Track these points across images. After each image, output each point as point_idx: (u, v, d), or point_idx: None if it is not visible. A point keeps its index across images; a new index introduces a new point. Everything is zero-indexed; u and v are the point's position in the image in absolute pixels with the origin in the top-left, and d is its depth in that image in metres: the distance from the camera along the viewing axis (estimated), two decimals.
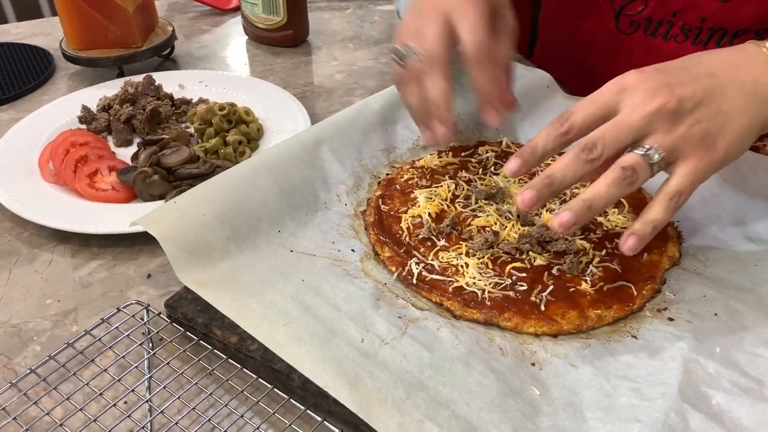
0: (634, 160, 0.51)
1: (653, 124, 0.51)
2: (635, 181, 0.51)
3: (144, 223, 0.58)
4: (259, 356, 0.53)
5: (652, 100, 0.50)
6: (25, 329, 0.59)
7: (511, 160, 0.55)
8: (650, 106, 0.50)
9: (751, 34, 0.76)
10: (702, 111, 0.51)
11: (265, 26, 1.10)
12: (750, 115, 0.52)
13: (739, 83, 0.52)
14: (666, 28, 0.80)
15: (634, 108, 0.51)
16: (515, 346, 0.54)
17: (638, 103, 0.51)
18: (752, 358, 0.51)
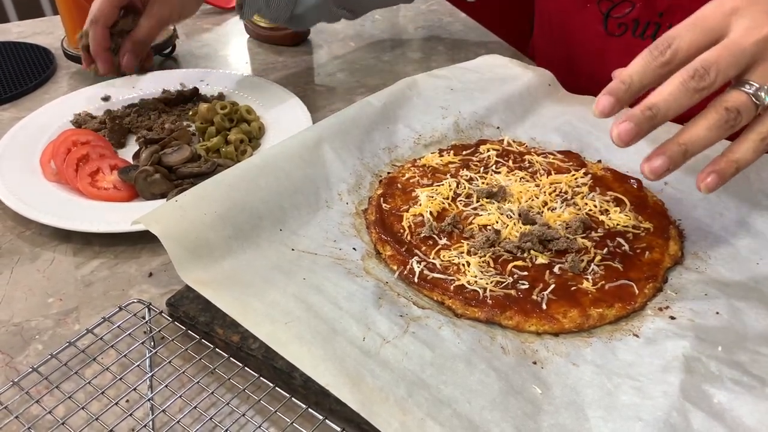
0: (741, 101, 0.47)
1: (764, 51, 0.47)
2: (738, 124, 0.48)
3: (146, 221, 0.58)
4: (261, 355, 0.53)
5: (764, 24, 0.47)
6: (27, 328, 0.60)
7: (601, 97, 0.49)
8: (765, 30, 0.47)
9: None
10: None
11: (266, 25, 1.10)
12: None
13: None
14: (653, 29, 0.80)
15: (747, 31, 0.47)
16: (517, 345, 0.53)
17: (751, 27, 0.47)
18: (754, 356, 0.51)
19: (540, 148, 0.77)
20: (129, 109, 0.89)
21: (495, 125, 0.80)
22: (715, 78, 0.47)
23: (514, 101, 0.82)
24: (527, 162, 0.73)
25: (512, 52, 1.08)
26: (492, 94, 0.82)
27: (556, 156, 0.74)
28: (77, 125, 0.86)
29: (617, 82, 0.49)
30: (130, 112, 0.89)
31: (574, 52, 0.91)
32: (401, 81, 0.82)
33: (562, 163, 0.72)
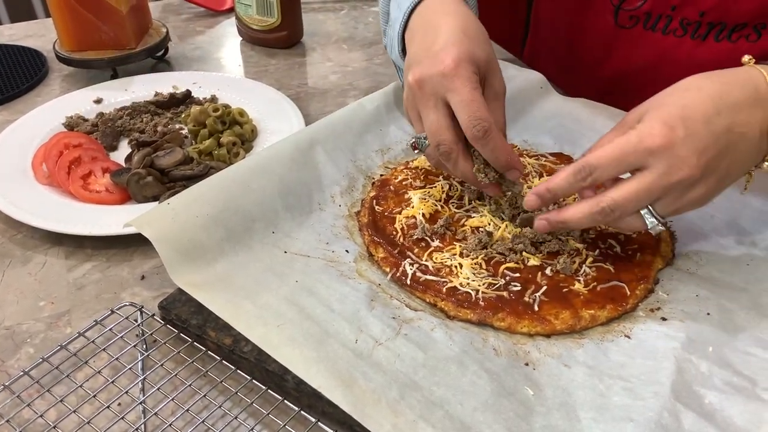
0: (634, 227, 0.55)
1: (671, 191, 0.52)
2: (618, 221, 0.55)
3: (138, 224, 0.58)
4: (253, 357, 0.52)
5: (678, 170, 0.51)
6: (19, 331, 0.59)
7: (530, 195, 0.57)
8: (675, 177, 0.51)
9: (749, 28, 0.77)
10: (713, 178, 0.52)
11: (259, 27, 1.10)
12: (744, 168, 0.55)
13: (748, 139, 0.53)
14: (665, 22, 0.81)
15: (660, 177, 0.51)
16: (509, 347, 0.54)
17: (665, 172, 0.51)
18: (745, 357, 0.51)
19: (532, 150, 0.77)
20: (121, 111, 0.89)
21: None
22: (619, 216, 0.54)
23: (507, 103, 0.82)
24: None
25: (505, 55, 1.09)
26: None
27: (548, 158, 0.74)
28: (69, 128, 0.86)
29: (544, 188, 0.56)
30: (122, 114, 0.88)
31: (579, 46, 0.91)
32: (394, 83, 0.82)
33: (554, 165, 0.73)
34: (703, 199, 0.53)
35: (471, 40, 0.61)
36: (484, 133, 0.57)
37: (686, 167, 0.51)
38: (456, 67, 0.57)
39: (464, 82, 0.57)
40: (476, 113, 0.57)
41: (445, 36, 0.60)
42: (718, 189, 0.54)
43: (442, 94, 0.58)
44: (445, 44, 0.59)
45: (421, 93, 0.59)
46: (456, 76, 0.57)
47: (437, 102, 0.59)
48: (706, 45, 0.79)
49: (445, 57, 0.58)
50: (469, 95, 0.57)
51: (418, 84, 0.59)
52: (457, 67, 0.57)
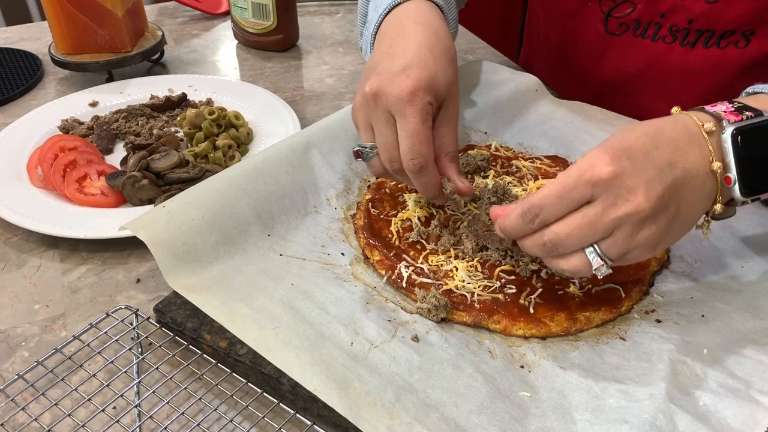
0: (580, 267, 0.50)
1: (620, 226, 0.48)
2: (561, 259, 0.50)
3: (133, 227, 0.58)
4: (249, 360, 0.52)
5: (625, 202, 0.47)
6: (13, 335, 0.59)
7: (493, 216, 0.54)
8: (622, 209, 0.47)
9: (738, 34, 0.77)
10: (663, 216, 0.49)
11: (255, 30, 1.10)
12: (697, 212, 0.51)
13: (692, 175, 0.49)
14: (654, 29, 0.81)
15: (605, 209, 0.47)
16: (504, 349, 0.54)
17: (610, 204, 0.47)
18: (739, 359, 0.52)
19: (527, 153, 0.77)
20: (117, 114, 0.89)
21: (483, 130, 0.81)
22: (563, 251, 0.50)
23: (501, 106, 0.82)
24: (514, 167, 0.73)
25: (500, 58, 1.09)
26: (480, 99, 0.83)
27: (543, 161, 0.74)
28: (65, 131, 0.86)
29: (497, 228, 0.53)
30: (117, 117, 0.88)
31: (571, 52, 0.92)
32: None
33: (549, 168, 0.73)
34: (653, 241, 0.49)
35: (436, 61, 0.60)
36: (420, 169, 0.58)
37: (633, 198, 0.47)
38: (412, 95, 0.57)
39: (415, 112, 0.57)
40: (416, 147, 0.57)
41: (412, 52, 0.60)
42: (669, 233, 0.50)
43: (394, 114, 0.58)
44: (409, 63, 0.59)
45: (374, 105, 0.59)
46: (409, 103, 0.57)
47: (389, 119, 0.59)
48: (696, 51, 0.80)
49: (405, 80, 0.57)
50: (415, 127, 0.57)
51: (373, 96, 0.59)
52: (414, 94, 0.57)
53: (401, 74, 0.58)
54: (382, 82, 0.58)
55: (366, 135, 0.62)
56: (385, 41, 0.65)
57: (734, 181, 0.50)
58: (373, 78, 0.59)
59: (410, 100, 0.57)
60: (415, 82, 0.57)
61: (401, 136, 0.58)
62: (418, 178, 0.59)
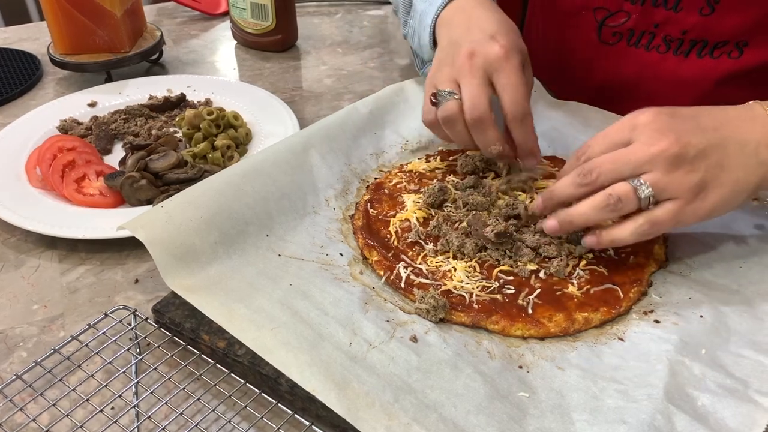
0: (623, 190, 0.54)
1: (653, 164, 0.53)
2: (620, 209, 0.54)
3: (131, 227, 0.58)
4: (247, 361, 0.52)
5: (658, 141, 0.53)
6: (12, 335, 0.59)
7: (537, 199, 0.61)
8: (654, 148, 0.53)
9: (731, 45, 0.78)
10: (702, 162, 0.53)
11: (253, 31, 1.10)
12: (745, 174, 0.54)
13: (741, 142, 0.54)
14: (648, 39, 0.82)
15: (639, 146, 0.54)
16: (503, 349, 0.54)
17: (644, 142, 0.53)
18: (737, 359, 0.52)
19: None
20: (115, 115, 0.89)
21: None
22: (596, 178, 0.55)
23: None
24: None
25: None
26: None
27: (543, 161, 0.74)
28: (63, 131, 0.86)
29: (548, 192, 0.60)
30: (116, 118, 0.88)
31: (566, 59, 0.92)
32: (388, 87, 0.83)
33: (549, 168, 0.73)
34: (696, 184, 0.53)
35: (515, 33, 0.68)
36: (524, 116, 0.65)
37: (665, 139, 0.53)
38: (508, 53, 0.65)
39: (513, 68, 0.65)
40: (520, 97, 0.64)
41: (494, 25, 0.68)
42: (716, 183, 0.53)
43: (490, 72, 0.65)
44: (496, 31, 0.67)
45: (470, 64, 0.65)
46: (507, 60, 0.64)
47: (483, 76, 0.65)
48: (689, 61, 0.81)
49: (500, 41, 0.65)
50: (516, 80, 0.64)
51: (470, 55, 0.65)
52: (509, 53, 0.65)
53: (492, 39, 0.66)
54: (478, 45, 0.66)
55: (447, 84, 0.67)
56: (457, 23, 0.71)
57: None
58: (468, 43, 0.66)
59: (507, 57, 0.65)
60: (509, 43, 0.65)
61: (504, 90, 0.64)
62: (521, 126, 0.65)
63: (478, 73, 0.65)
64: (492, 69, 0.65)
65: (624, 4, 0.81)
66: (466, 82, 0.65)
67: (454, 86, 0.66)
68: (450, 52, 0.68)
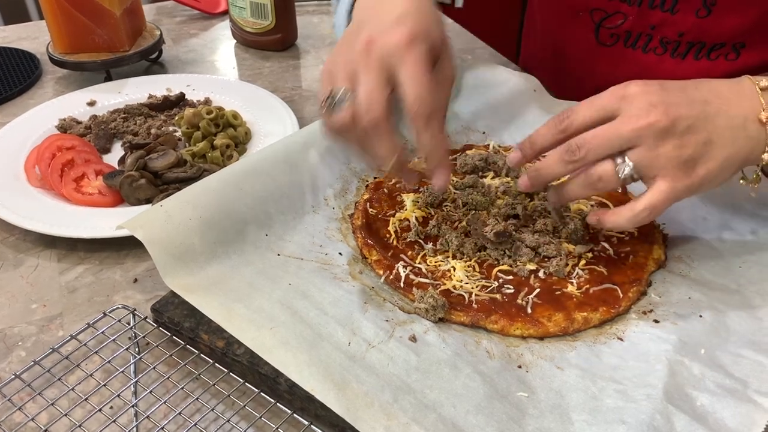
0: (604, 170, 0.54)
1: (641, 138, 0.52)
2: (601, 187, 0.55)
3: (130, 226, 0.58)
4: (246, 360, 0.52)
5: (647, 114, 0.52)
6: (10, 334, 0.59)
7: (513, 151, 0.59)
8: (643, 120, 0.52)
9: (728, 47, 0.78)
10: (690, 136, 0.52)
11: (253, 30, 1.10)
12: (734, 148, 0.54)
13: (729, 115, 0.54)
14: (645, 40, 0.82)
15: (629, 119, 0.52)
16: (502, 349, 0.54)
17: (633, 115, 0.52)
18: (737, 359, 0.52)
19: None
20: (115, 114, 0.89)
21: (481, 130, 0.80)
22: (585, 155, 0.54)
23: (500, 106, 0.82)
24: None
25: (499, 58, 1.09)
26: (478, 99, 0.82)
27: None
28: (62, 130, 0.86)
29: (526, 141, 0.58)
30: (115, 117, 0.88)
31: (564, 59, 0.92)
32: None
33: None
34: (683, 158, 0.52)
35: (427, 16, 0.57)
36: (428, 117, 0.53)
37: (655, 112, 0.52)
38: (412, 41, 0.53)
39: (417, 58, 0.53)
40: (424, 92, 0.53)
41: (402, 7, 0.57)
42: (706, 157, 0.53)
43: (390, 64, 0.54)
44: (406, 14, 0.56)
45: (366, 54, 0.54)
46: (409, 50, 0.53)
47: (382, 70, 0.54)
48: (686, 63, 0.81)
49: (401, 28, 0.54)
50: (419, 73, 0.53)
51: (367, 45, 0.54)
52: (413, 41, 0.54)
53: (396, 24, 0.55)
54: (376, 32, 0.55)
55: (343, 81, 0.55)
56: (366, 8, 0.61)
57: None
58: (366, 29, 0.56)
59: (409, 47, 0.53)
60: (412, 29, 0.54)
61: (406, 84, 0.53)
62: (425, 128, 0.54)
63: (375, 67, 0.54)
64: (393, 61, 0.53)
65: (621, 5, 0.81)
66: (362, 79, 0.54)
67: (349, 83, 0.55)
68: (349, 36, 0.58)
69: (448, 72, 0.59)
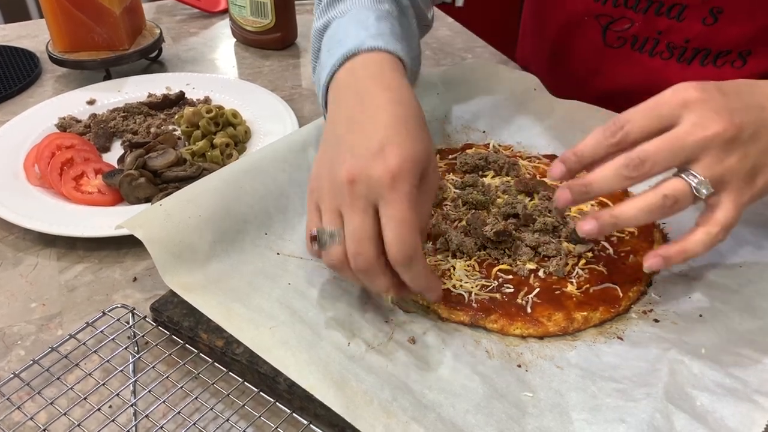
0: (680, 189, 0.49)
1: (707, 149, 0.48)
2: (674, 210, 0.49)
3: (130, 226, 0.58)
4: (245, 359, 0.52)
5: (712, 122, 0.48)
6: (9, 333, 0.59)
7: (555, 163, 0.53)
8: (710, 130, 0.48)
9: (734, 54, 0.78)
10: (753, 145, 0.49)
11: (253, 29, 1.10)
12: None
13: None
14: (652, 44, 0.82)
15: (693, 127, 0.48)
16: (501, 348, 0.54)
17: (698, 123, 0.48)
18: (737, 358, 0.52)
19: (526, 152, 0.77)
20: (114, 112, 0.89)
21: (481, 129, 0.80)
22: (650, 169, 0.49)
23: (499, 106, 0.82)
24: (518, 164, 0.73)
25: (499, 57, 1.09)
26: (478, 98, 0.82)
27: (542, 160, 0.74)
28: (62, 129, 0.86)
29: (570, 153, 0.52)
30: (115, 116, 0.88)
31: (565, 60, 0.92)
32: None
33: (547, 167, 0.73)
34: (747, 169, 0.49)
35: (412, 136, 0.51)
36: (409, 261, 0.49)
37: (720, 120, 0.48)
38: (395, 178, 0.49)
39: (402, 197, 0.49)
40: (405, 237, 0.49)
41: (384, 128, 0.51)
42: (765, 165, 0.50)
43: (374, 200, 0.49)
44: (384, 141, 0.50)
45: (350, 192, 0.50)
46: (395, 188, 0.49)
47: (367, 207, 0.50)
48: (692, 69, 0.81)
49: (385, 162, 0.49)
50: (402, 213, 0.48)
51: (350, 182, 0.50)
52: (396, 177, 0.49)
53: (379, 155, 0.49)
54: (360, 166, 0.50)
55: (331, 219, 0.52)
56: (345, 106, 0.55)
57: None
58: (350, 161, 0.50)
59: (392, 186, 0.48)
60: (398, 164, 0.49)
61: (388, 225, 0.49)
62: (407, 271, 0.50)
63: (361, 206, 0.49)
64: (376, 196, 0.49)
65: (627, 11, 0.81)
66: (348, 221, 0.50)
67: (337, 220, 0.51)
68: (331, 158, 0.53)
69: (432, 182, 0.54)
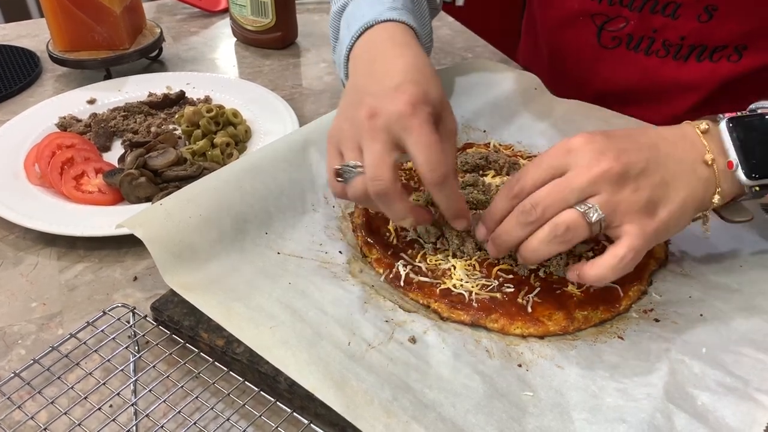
0: (571, 218, 0.50)
1: (597, 186, 0.50)
2: (570, 239, 0.50)
3: (130, 225, 0.58)
4: (246, 359, 0.52)
5: (597, 162, 0.50)
6: (10, 333, 0.59)
7: (479, 226, 0.57)
8: (595, 169, 0.50)
9: (730, 49, 0.78)
10: (645, 179, 0.51)
11: (253, 28, 1.10)
12: (689, 189, 0.52)
13: (678, 159, 0.52)
14: (647, 43, 0.82)
15: (580, 170, 0.50)
16: (502, 348, 0.54)
17: (584, 165, 0.50)
18: (738, 357, 0.52)
19: (525, 152, 0.77)
20: (114, 112, 0.89)
21: (481, 129, 0.80)
22: (542, 213, 0.51)
23: (500, 105, 0.82)
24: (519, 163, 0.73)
25: (499, 56, 1.09)
26: (478, 97, 0.82)
27: None
28: (62, 128, 0.86)
29: (487, 214, 0.56)
30: (115, 115, 0.88)
31: (563, 61, 0.92)
32: None
33: None
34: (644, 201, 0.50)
35: (426, 78, 0.57)
36: (443, 179, 0.54)
37: (605, 159, 0.50)
38: (413, 107, 0.54)
39: (422, 123, 0.53)
40: (435, 157, 0.53)
41: (400, 72, 0.57)
42: (665, 198, 0.51)
43: (396, 132, 0.54)
44: (401, 81, 0.56)
45: (370, 126, 0.54)
46: (414, 116, 0.53)
47: (387, 139, 0.54)
48: (689, 65, 0.81)
49: (402, 95, 0.54)
50: (428, 138, 0.53)
51: (371, 116, 0.54)
52: (416, 107, 0.54)
53: (395, 92, 0.55)
54: (378, 102, 0.55)
55: (351, 155, 0.56)
56: (363, 64, 0.62)
57: (736, 165, 0.52)
58: (367, 99, 0.56)
59: (413, 113, 0.53)
60: (412, 95, 0.54)
61: (415, 150, 0.53)
62: (441, 191, 0.55)
63: (381, 137, 0.54)
64: (398, 128, 0.54)
65: (622, 10, 0.81)
66: (367, 149, 0.54)
67: (357, 154, 0.56)
68: (352, 104, 0.58)
69: (451, 126, 0.59)
